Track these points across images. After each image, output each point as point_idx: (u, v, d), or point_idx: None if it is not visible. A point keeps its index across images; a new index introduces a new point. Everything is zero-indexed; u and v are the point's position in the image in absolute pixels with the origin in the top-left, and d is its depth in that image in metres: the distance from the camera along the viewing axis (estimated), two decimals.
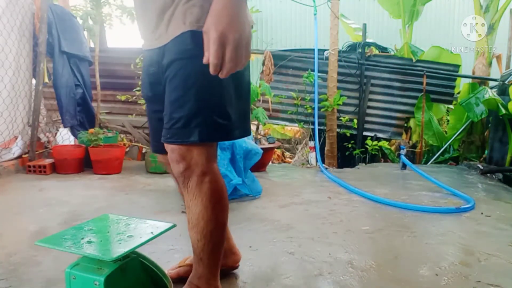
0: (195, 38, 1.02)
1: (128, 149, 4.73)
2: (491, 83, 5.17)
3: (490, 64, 5.30)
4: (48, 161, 3.66)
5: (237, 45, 0.88)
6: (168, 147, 1.14)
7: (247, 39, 0.90)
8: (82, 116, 4.33)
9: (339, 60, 4.86)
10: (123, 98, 4.69)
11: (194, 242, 1.20)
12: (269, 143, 4.25)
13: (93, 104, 4.51)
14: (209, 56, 0.89)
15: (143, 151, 4.64)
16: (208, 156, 1.14)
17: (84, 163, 3.80)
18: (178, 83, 1.07)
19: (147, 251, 1.77)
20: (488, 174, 4.09)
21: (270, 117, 5.21)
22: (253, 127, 4.95)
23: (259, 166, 3.84)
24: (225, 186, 1.22)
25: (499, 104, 4.17)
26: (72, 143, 4.35)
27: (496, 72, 5.62)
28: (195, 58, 1.01)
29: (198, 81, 1.06)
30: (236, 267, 1.60)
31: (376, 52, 5.47)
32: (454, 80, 5.43)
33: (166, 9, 1.05)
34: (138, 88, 4.10)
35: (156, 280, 1.26)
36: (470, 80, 5.40)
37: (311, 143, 5.01)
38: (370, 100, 5.36)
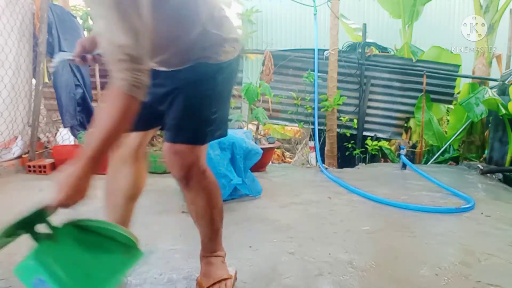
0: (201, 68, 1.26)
1: None
2: (491, 83, 5.17)
3: (490, 64, 5.30)
4: (48, 161, 3.66)
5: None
6: (172, 149, 1.28)
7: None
8: (82, 116, 4.32)
9: (339, 60, 4.86)
10: None
11: (204, 228, 1.42)
12: (269, 143, 4.25)
13: (93, 104, 4.51)
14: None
15: None
16: (204, 156, 1.35)
17: None
18: (187, 100, 1.28)
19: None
20: (488, 174, 4.09)
21: (270, 117, 5.20)
22: (253, 127, 4.95)
23: (259, 166, 3.84)
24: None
25: (499, 104, 4.17)
26: (72, 143, 4.35)
27: (496, 72, 5.62)
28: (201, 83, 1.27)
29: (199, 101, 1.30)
30: None
31: (376, 52, 5.46)
32: (454, 80, 5.42)
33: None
34: None
35: (113, 237, 1.08)
36: (470, 80, 5.40)
37: (311, 143, 5.01)
38: (370, 100, 5.36)
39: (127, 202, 1.46)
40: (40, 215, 1.02)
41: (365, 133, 5.35)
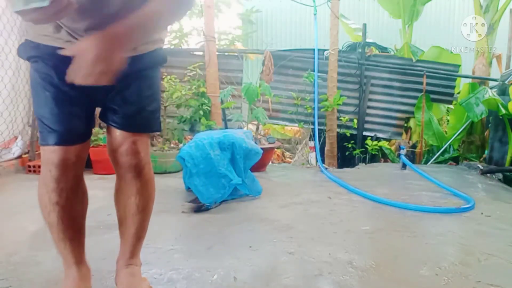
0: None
1: None
2: (491, 83, 5.18)
3: (490, 64, 5.30)
4: None
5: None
6: (132, 138, 1.24)
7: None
8: None
9: (339, 60, 4.86)
10: None
11: (138, 225, 1.34)
12: (269, 143, 4.25)
13: None
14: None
15: None
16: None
17: None
18: (149, 84, 1.28)
19: (147, 251, 1.77)
20: (488, 174, 4.09)
21: (270, 117, 5.20)
22: (253, 127, 4.95)
23: (259, 166, 3.84)
24: None
25: (499, 104, 4.17)
26: None
27: (496, 72, 5.62)
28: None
29: (156, 86, 1.33)
30: None
31: (376, 52, 5.47)
32: (454, 80, 5.42)
33: None
34: None
35: None
36: (470, 80, 5.40)
37: (311, 143, 5.01)
38: (370, 100, 5.36)
39: (84, 220, 1.38)
40: None
41: (365, 133, 5.35)
